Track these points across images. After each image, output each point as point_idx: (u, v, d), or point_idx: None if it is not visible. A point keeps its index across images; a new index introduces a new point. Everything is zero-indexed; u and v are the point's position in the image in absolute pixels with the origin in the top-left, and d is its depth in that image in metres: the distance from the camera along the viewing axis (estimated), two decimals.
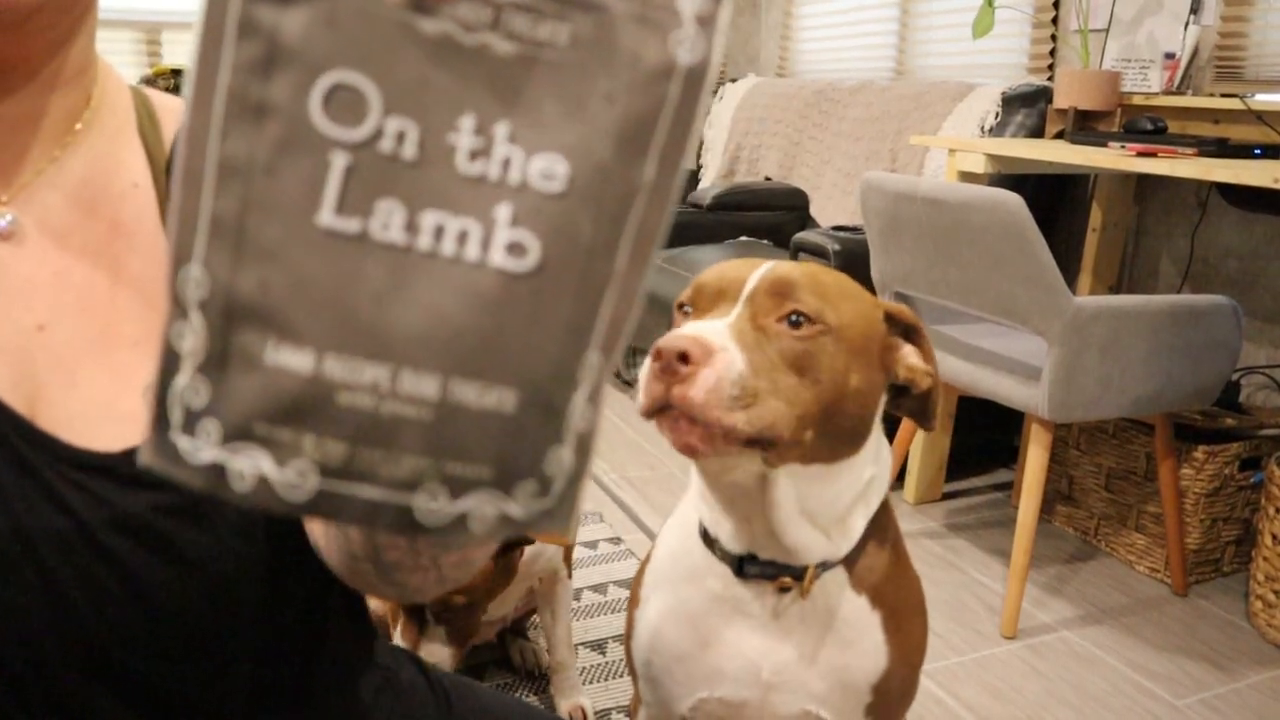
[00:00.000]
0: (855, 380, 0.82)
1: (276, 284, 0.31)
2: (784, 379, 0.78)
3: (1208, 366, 1.88)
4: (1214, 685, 1.76)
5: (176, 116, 0.71)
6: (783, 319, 0.79)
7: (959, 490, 2.60)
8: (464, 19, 0.31)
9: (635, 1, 0.32)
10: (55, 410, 0.60)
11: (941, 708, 1.68)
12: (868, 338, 0.84)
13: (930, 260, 1.93)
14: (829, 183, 3.25)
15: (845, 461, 0.85)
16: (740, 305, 0.81)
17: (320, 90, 0.30)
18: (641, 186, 0.33)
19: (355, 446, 0.32)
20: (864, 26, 3.63)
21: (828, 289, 0.82)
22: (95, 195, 0.64)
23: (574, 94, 0.32)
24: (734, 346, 0.76)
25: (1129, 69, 2.54)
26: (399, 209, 0.31)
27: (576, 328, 0.34)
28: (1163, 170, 1.82)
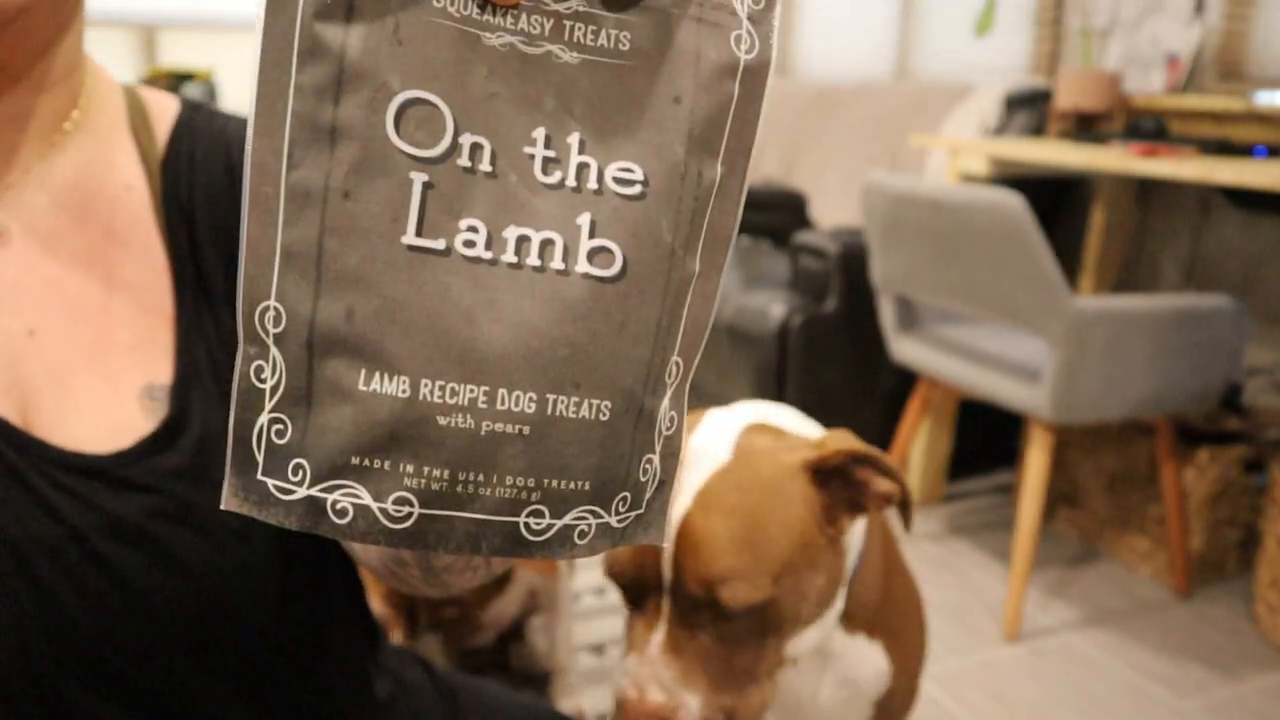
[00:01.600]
0: (808, 604, 0.76)
1: (363, 311, 0.30)
2: (744, 663, 0.75)
3: (1210, 368, 1.87)
4: (1217, 688, 1.75)
5: (169, 114, 0.70)
6: (713, 615, 0.74)
7: (960, 492, 2.59)
8: (526, 30, 0.30)
9: (693, 3, 0.32)
10: (48, 416, 0.59)
11: (943, 711, 1.67)
12: (806, 552, 0.75)
13: (931, 261, 1.93)
14: (829, 183, 3.25)
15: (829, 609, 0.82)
16: (665, 605, 0.75)
17: (394, 108, 0.30)
18: (714, 186, 0.33)
19: (456, 471, 0.31)
20: (865, 26, 3.63)
21: (745, 551, 0.72)
22: (86, 200, 0.63)
23: (642, 98, 0.32)
24: (683, 689, 0.72)
25: (1131, 69, 2.53)
26: (481, 225, 0.31)
27: (663, 331, 0.33)
28: (1165, 171, 1.81)
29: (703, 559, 0.72)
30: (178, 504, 0.60)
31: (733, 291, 2.59)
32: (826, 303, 2.40)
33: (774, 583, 0.72)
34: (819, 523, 0.75)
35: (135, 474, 0.60)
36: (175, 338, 0.65)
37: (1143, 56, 2.52)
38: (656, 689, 0.73)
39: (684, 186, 0.33)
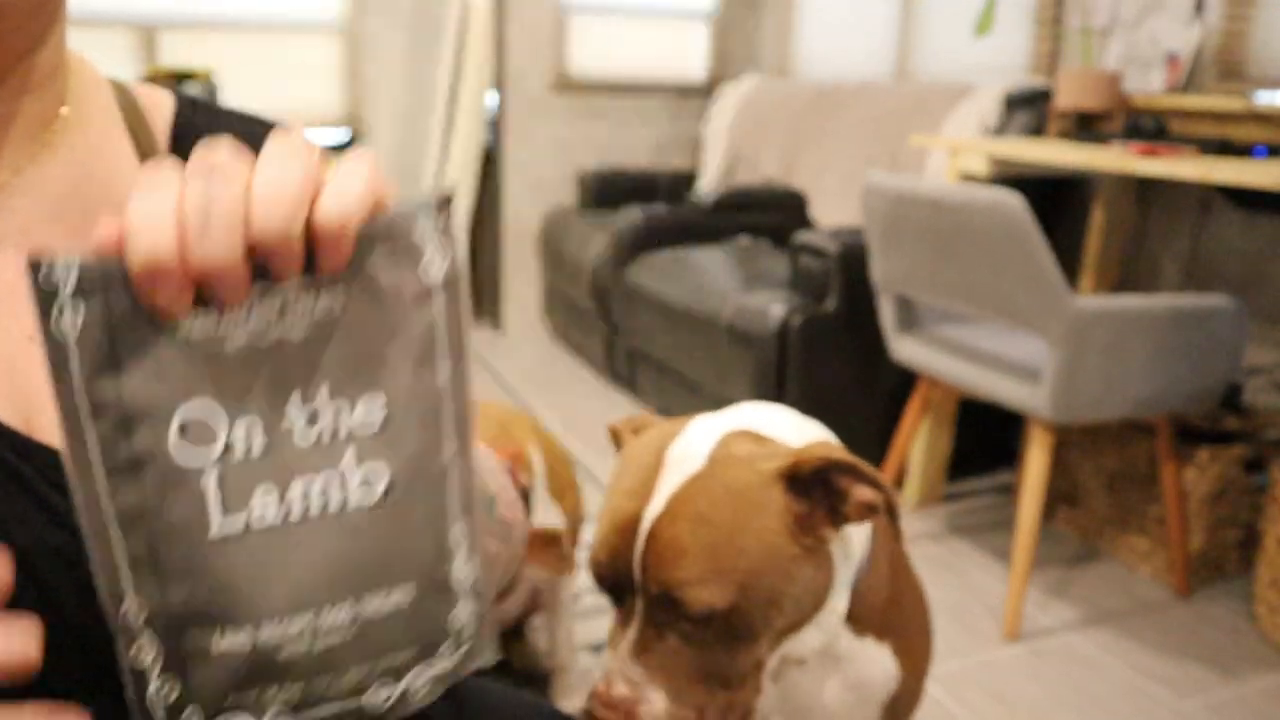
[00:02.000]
0: (781, 614, 0.76)
1: (199, 590, 0.38)
2: (716, 666, 0.75)
3: (1210, 368, 1.87)
4: (1217, 688, 1.75)
5: (165, 111, 0.70)
6: (680, 618, 0.74)
7: (960, 492, 2.59)
8: (255, 329, 0.37)
9: (383, 254, 0.38)
10: (51, 419, 0.59)
11: (943, 711, 1.67)
12: (777, 562, 0.74)
13: (931, 261, 1.92)
14: (829, 183, 3.25)
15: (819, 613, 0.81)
16: (640, 604, 0.76)
17: (173, 430, 0.36)
18: (441, 387, 0.40)
19: (310, 680, 0.40)
20: (865, 26, 3.63)
21: (710, 557, 0.72)
22: (87, 209, 0.63)
23: (366, 343, 0.39)
24: (650, 687, 0.74)
25: (1131, 69, 2.53)
26: (270, 493, 0.38)
27: (436, 515, 0.41)
28: (1165, 171, 1.81)
29: (665, 564, 0.73)
30: None
31: (733, 291, 2.60)
32: (826, 303, 2.40)
33: (739, 591, 0.73)
34: (792, 532, 0.74)
35: None
36: None
37: (1142, 56, 2.52)
38: (623, 683, 0.74)
39: (420, 395, 0.40)
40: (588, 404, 3.19)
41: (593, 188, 3.85)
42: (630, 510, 0.77)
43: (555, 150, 4.00)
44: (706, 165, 3.90)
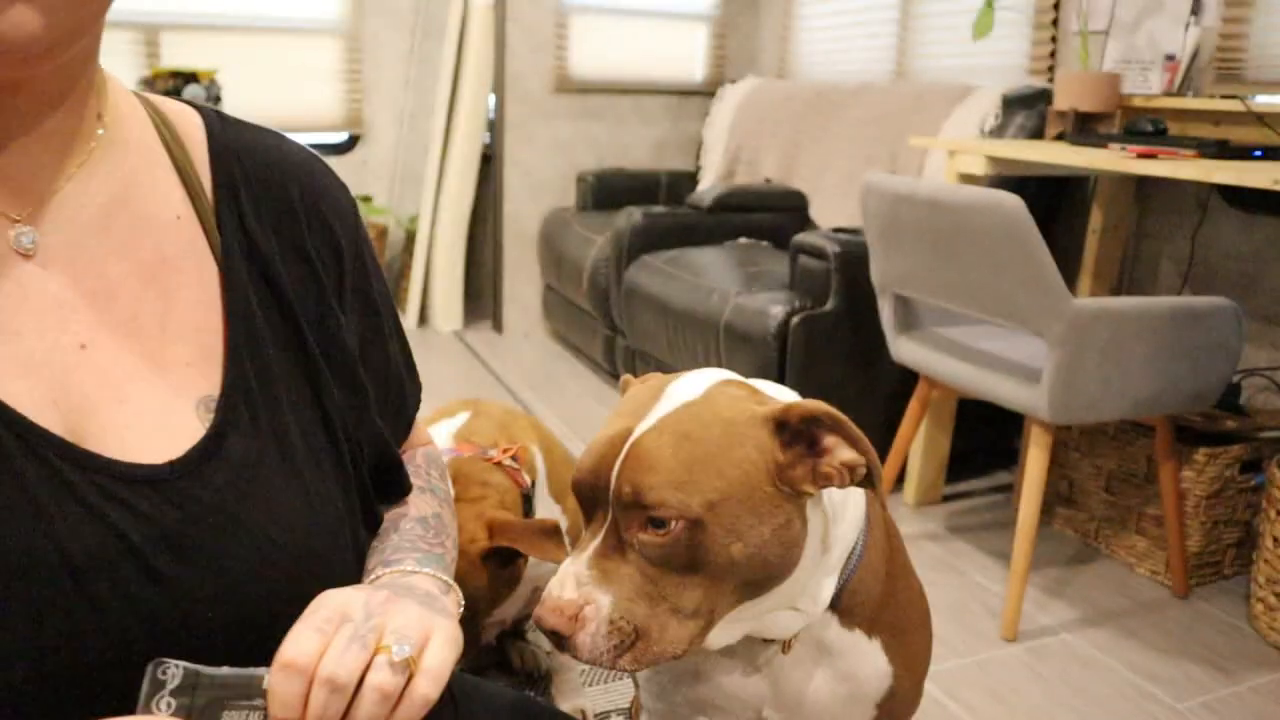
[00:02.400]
0: (742, 548, 0.75)
1: None
2: (667, 591, 0.75)
3: (1208, 368, 1.88)
4: (1215, 688, 1.76)
5: (195, 127, 0.71)
6: (644, 527, 0.74)
7: (959, 492, 2.60)
8: None
9: None
10: (100, 427, 0.60)
11: (942, 710, 1.68)
12: (751, 490, 0.75)
13: (930, 262, 1.93)
14: (829, 184, 3.25)
15: (784, 581, 0.79)
16: (609, 516, 0.77)
17: None
18: None
19: None
20: (864, 28, 3.63)
21: (685, 466, 0.74)
22: (135, 224, 0.64)
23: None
24: (596, 590, 0.75)
25: (1129, 70, 2.54)
26: None
27: None
28: (1163, 172, 1.81)
29: (641, 467, 0.75)
30: (224, 515, 0.61)
31: (732, 292, 2.60)
32: (826, 303, 2.40)
33: (706, 507, 0.73)
34: (770, 474, 0.76)
35: (185, 484, 0.61)
36: (225, 353, 0.66)
37: (1141, 58, 2.52)
38: (573, 587, 0.75)
39: None
40: (588, 404, 3.20)
41: (592, 188, 3.85)
42: (621, 427, 0.78)
43: (555, 150, 4.00)
44: (706, 166, 3.90)
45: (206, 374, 0.65)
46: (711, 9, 4.16)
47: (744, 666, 0.88)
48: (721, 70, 4.22)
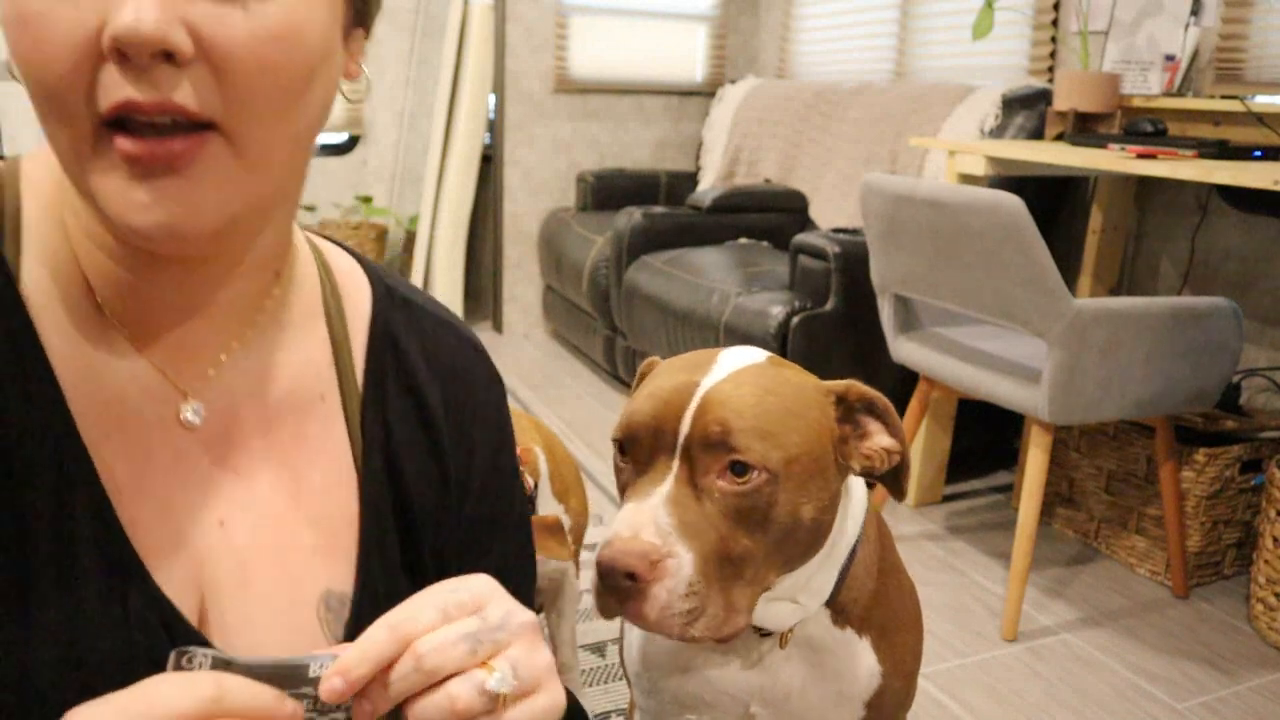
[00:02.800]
0: (809, 510, 0.75)
1: None
2: (736, 550, 0.71)
3: (1208, 369, 1.88)
4: (1215, 688, 1.76)
5: (363, 299, 0.69)
6: (722, 473, 0.71)
7: (959, 493, 2.60)
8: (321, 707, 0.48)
9: None
10: (227, 611, 0.59)
11: (942, 710, 1.68)
12: (818, 456, 0.75)
13: (930, 262, 1.93)
14: (828, 184, 3.25)
15: (809, 561, 0.80)
16: (677, 462, 0.73)
17: None
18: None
19: None
20: (864, 28, 3.63)
21: (769, 420, 0.73)
22: (282, 399, 0.63)
23: None
24: (678, 541, 0.69)
25: (1129, 71, 2.54)
26: None
27: None
28: (1163, 172, 1.81)
29: (729, 411, 0.72)
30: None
31: (732, 292, 2.60)
32: (826, 303, 2.40)
33: (785, 462, 0.72)
34: (832, 441, 0.78)
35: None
36: (358, 548, 0.64)
37: (1140, 58, 2.52)
38: (653, 531, 0.69)
39: None
40: (588, 404, 3.20)
41: (592, 188, 3.85)
42: (684, 380, 0.76)
43: (555, 151, 4.00)
44: (706, 166, 3.90)
45: (329, 564, 0.63)
46: (711, 9, 4.16)
47: (736, 661, 0.88)
48: (721, 70, 4.22)
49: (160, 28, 0.45)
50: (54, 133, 0.49)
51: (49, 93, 0.47)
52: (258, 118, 0.50)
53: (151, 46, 0.45)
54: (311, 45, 0.51)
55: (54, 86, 0.47)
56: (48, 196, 0.57)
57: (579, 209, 3.89)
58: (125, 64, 0.46)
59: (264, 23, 0.48)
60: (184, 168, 0.49)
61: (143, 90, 0.46)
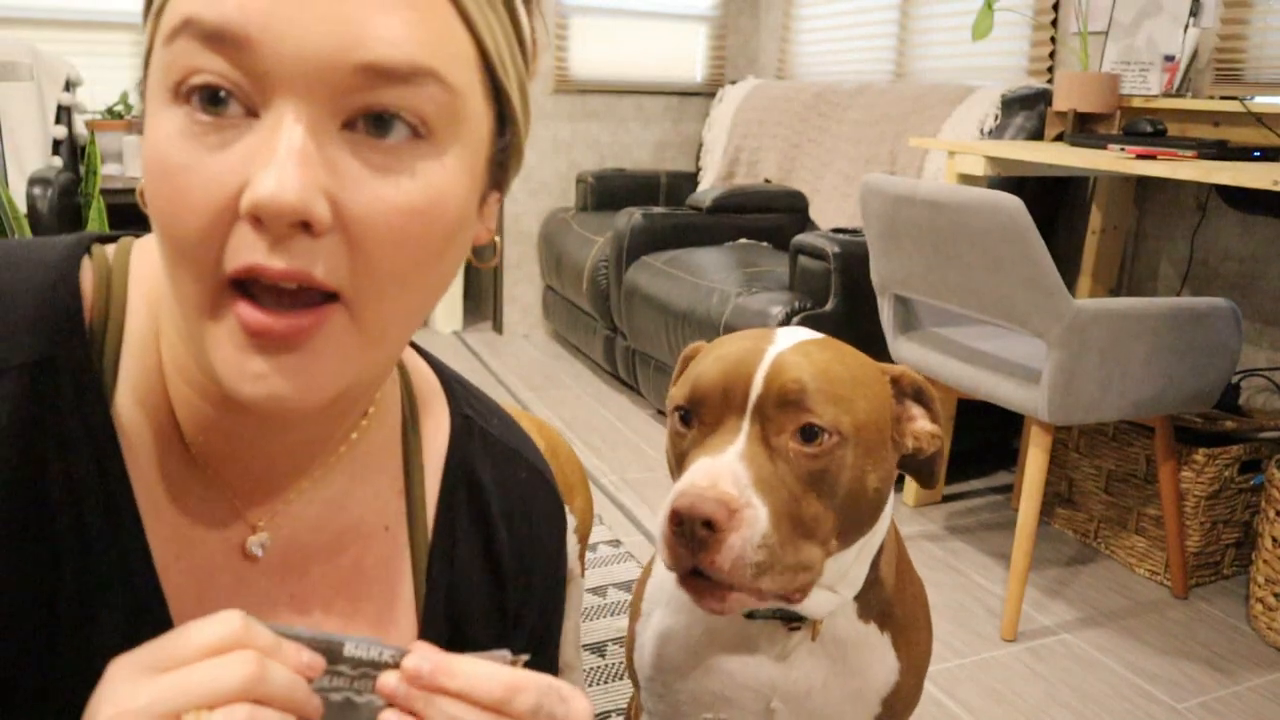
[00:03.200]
0: (873, 479, 0.77)
1: None
2: (806, 511, 0.72)
3: (1207, 369, 1.88)
4: (1214, 688, 1.76)
5: (440, 435, 0.67)
6: (795, 434, 0.73)
7: (959, 493, 2.60)
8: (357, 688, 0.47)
9: None
10: None
11: (942, 710, 1.68)
12: (881, 428, 0.78)
13: (930, 262, 1.93)
14: (828, 185, 3.25)
15: (860, 541, 0.81)
16: (747, 422, 0.73)
17: None
18: None
19: None
20: (864, 29, 3.64)
21: (839, 386, 0.75)
22: (346, 528, 0.62)
23: None
24: (754, 495, 0.70)
25: (1128, 71, 2.54)
26: None
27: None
28: (1162, 173, 1.82)
29: (804, 372, 0.74)
30: None
31: (732, 292, 2.60)
32: (826, 303, 2.41)
33: (855, 428, 0.74)
34: (892, 417, 0.81)
35: None
36: None
37: (1139, 59, 2.53)
38: (731, 483, 0.69)
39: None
40: (588, 404, 3.20)
41: (592, 189, 3.86)
42: (752, 347, 0.78)
43: (555, 151, 4.00)
44: (706, 166, 3.91)
45: None
46: (711, 9, 4.16)
47: (760, 655, 0.88)
48: (721, 71, 4.22)
49: (303, 198, 0.43)
50: (180, 282, 0.47)
51: (182, 247, 0.46)
52: (384, 291, 0.48)
53: (291, 217, 0.44)
54: (450, 218, 0.49)
55: (188, 241, 0.46)
56: (153, 299, 0.56)
57: (579, 209, 3.89)
58: (260, 228, 0.44)
59: (408, 197, 0.47)
60: (304, 342, 0.47)
61: (274, 258, 0.45)
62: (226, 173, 0.45)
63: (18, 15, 3.37)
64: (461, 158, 0.49)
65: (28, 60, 3.01)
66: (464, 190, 0.50)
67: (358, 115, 0.46)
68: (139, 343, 0.56)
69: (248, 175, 0.44)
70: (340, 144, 0.46)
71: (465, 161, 0.50)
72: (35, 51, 3.04)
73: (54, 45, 3.24)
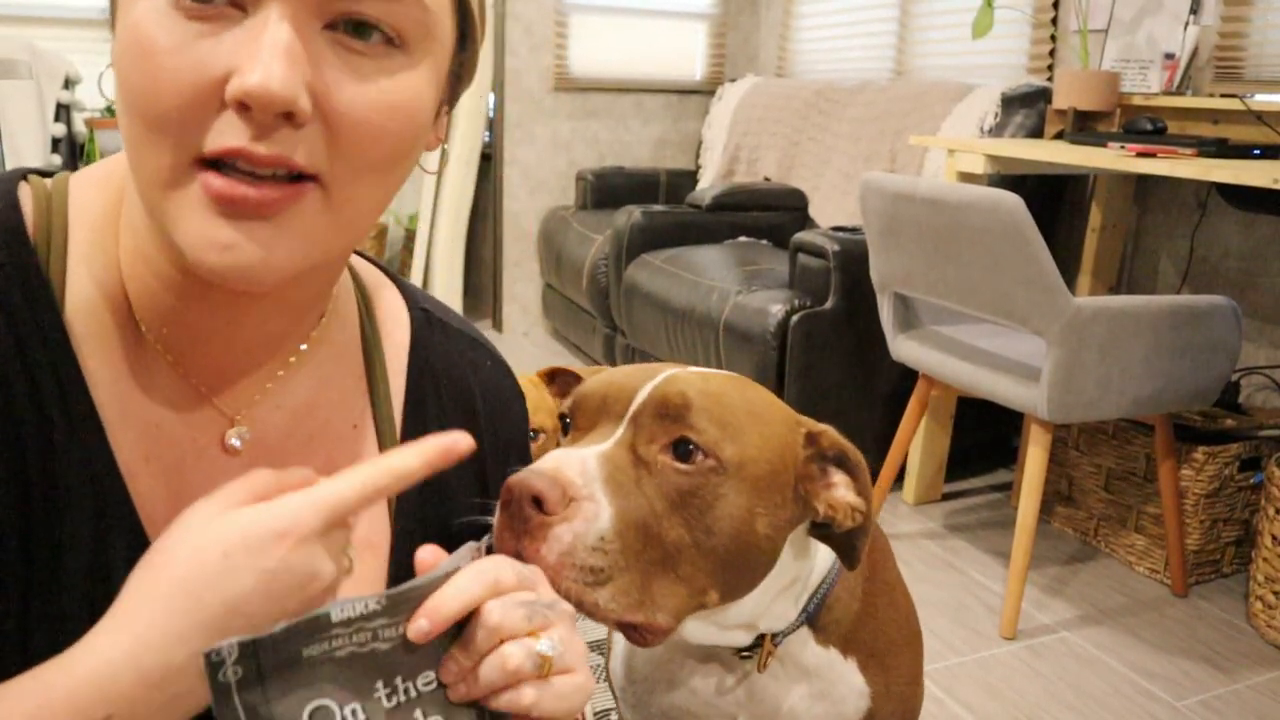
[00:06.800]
0: (763, 524, 0.68)
1: None
2: (667, 534, 0.64)
3: (1207, 367, 1.88)
4: (1214, 686, 1.76)
5: (400, 329, 0.70)
6: (667, 448, 0.66)
7: (958, 491, 2.60)
8: (358, 641, 0.50)
9: None
10: None
11: (941, 708, 1.68)
12: (778, 474, 0.69)
13: (929, 260, 1.93)
14: (828, 183, 3.25)
15: (754, 589, 0.74)
16: (622, 428, 0.67)
17: (306, 713, 0.48)
18: None
19: None
20: (864, 26, 3.63)
21: (730, 413, 0.67)
22: (316, 430, 0.64)
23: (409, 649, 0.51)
24: (601, 491, 0.62)
25: (1128, 69, 2.54)
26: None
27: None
28: (1162, 171, 1.81)
29: (690, 390, 0.67)
30: None
31: (732, 291, 2.60)
32: (826, 301, 2.41)
33: (738, 459, 0.66)
34: (795, 469, 0.72)
35: None
36: (388, 574, 0.65)
37: (1140, 56, 2.53)
38: (576, 471, 0.62)
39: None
40: None
41: (592, 187, 3.85)
42: (653, 369, 0.72)
43: (555, 149, 4.00)
44: (706, 164, 3.90)
45: (356, 590, 0.63)
46: (711, 8, 4.16)
47: (721, 675, 0.86)
48: (721, 69, 4.22)
49: (289, 90, 0.46)
50: (146, 158, 0.49)
51: (157, 124, 0.48)
52: (360, 178, 0.52)
53: (279, 108, 0.47)
54: (421, 120, 0.54)
55: (165, 118, 0.48)
56: (96, 219, 0.58)
57: (579, 207, 3.89)
58: (245, 115, 0.47)
59: (385, 95, 0.51)
60: (275, 214, 0.50)
61: (260, 145, 0.48)
62: (211, 58, 0.47)
63: (17, 13, 3.37)
64: (430, 68, 0.54)
65: (27, 58, 3.01)
66: (430, 97, 0.54)
67: (340, 19, 0.49)
68: (86, 250, 0.57)
69: (234, 64, 0.47)
70: (323, 42, 0.49)
71: (433, 73, 0.54)
72: (34, 49, 3.04)
73: (53, 43, 3.24)
